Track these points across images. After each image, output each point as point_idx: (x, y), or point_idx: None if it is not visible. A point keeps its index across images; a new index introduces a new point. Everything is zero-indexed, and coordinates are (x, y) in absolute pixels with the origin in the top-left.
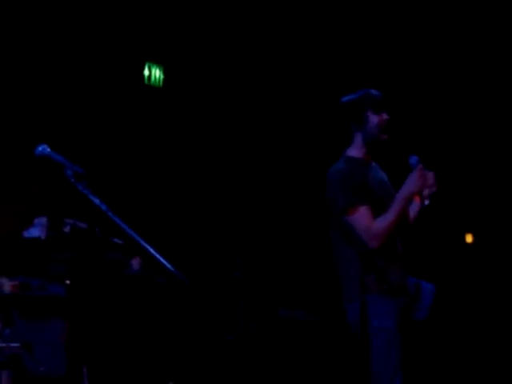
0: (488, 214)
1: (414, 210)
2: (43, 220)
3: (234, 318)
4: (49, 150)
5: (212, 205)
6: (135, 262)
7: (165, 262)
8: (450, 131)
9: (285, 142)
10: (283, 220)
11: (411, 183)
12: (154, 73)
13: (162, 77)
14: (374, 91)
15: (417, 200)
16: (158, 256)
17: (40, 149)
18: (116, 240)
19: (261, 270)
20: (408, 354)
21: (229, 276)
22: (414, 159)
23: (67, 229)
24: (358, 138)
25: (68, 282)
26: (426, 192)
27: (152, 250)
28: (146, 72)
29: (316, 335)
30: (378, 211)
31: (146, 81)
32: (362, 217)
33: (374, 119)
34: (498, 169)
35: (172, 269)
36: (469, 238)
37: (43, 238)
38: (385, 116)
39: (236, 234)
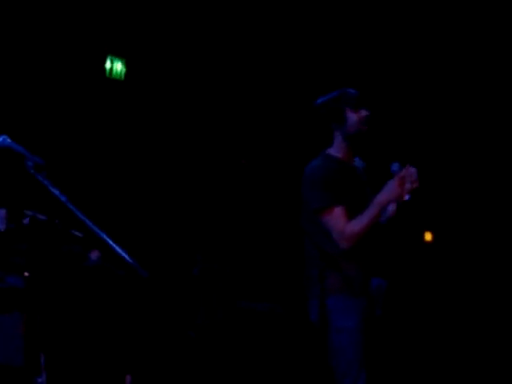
0: (447, 212)
1: (389, 211)
2: (2, 212)
3: (194, 313)
4: (9, 140)
5: (173, 199)
6: (94, 255)
7: (124, 255)
8: (410, 130)
9: (249, 137)
10: (246, 217)
11: (389, 191)
12: (116, 66)
13: (123, 70)
14: (350, 90)
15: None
16: (117, 248)
17: (0, 139)
18: (75, 233)
19: (221, 266)
20: (371, 354)
21: (188, 272)
22: (395, 166)
23: (26, 221)
24: (339, 137)
25: (26, 274)
26: (407, 187)
27: (112, 243)
28: (108, 65)
29: (280, 326)
30: (352, 212)
31: (107, 74)
32: (336, 218)
33: (352, 116)
34: (457, 167)
35: (131, 261)
36: (428, 237)
37: (2, 229)
38: (363, 112)
39: (197, 230)
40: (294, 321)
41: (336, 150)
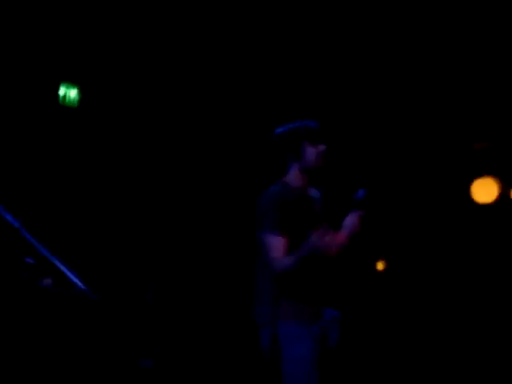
0: (399, 241)
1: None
2: None
3: (147, 340)
4: None
5: (127, 225)
6: (46, 282)
7: (76, 280)
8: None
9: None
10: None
11: (316, 242)
12: (69, 93)
13: (77, 97)
14: (310, 122)
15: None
16: (69, 274)
17: None
18: (28, 259)
19: (173, 292)
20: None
21: (141, 298)
22: (360, 193)
23: None
24: (295, 168)
25: None
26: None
27: (64, 268)
28: (61, 92)
29: (230, 351)
30: (302, 239)
31: (61, 101)
32: (275, 247)
33: (310, 151)
34: (410, 195)
35: (83, 286)
36: (380, 266)
37: None
38: (321, 147)
39: (150, 255)
40: (244, 345)
41: (291, 179)
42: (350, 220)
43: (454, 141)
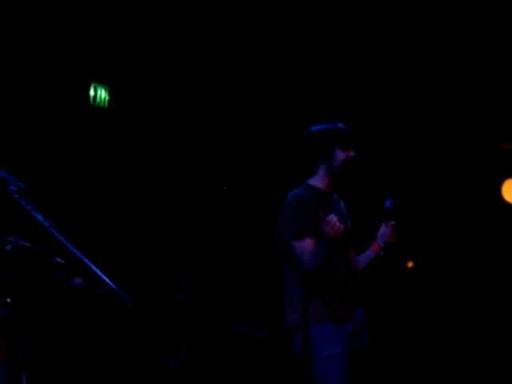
0: (430, 241)
1: (368, 257)
2: None
3: (175, 341)
4: None
5: (157, 225)
6: (77, 281)
7: (107, 280)
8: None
9: (231, 164)
10: (228, 240)
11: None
12: (100, 93)
13: (107, 97)
14: (342, 125)
15: (375, 248)
16: (100, 274)
17: None
18: (58, 259)
19: (204, 290)
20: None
21: (170, 298)
22: (388, 202)
23: (9, 247)
24: (322, 171)
25: (9, 300)
26: (380, 242)
27: (95, 268)
28: (92, 92)
29: (266, 351)
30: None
31: (91, 101)
32: (304, 251)
33: (340, 156)
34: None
35: (114, 287)
36: (410, 265)
37: None
38: (351, 153)
39: (179, 255)
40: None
41: (318, 181)
42: (384, 231)
43: (482, 142)
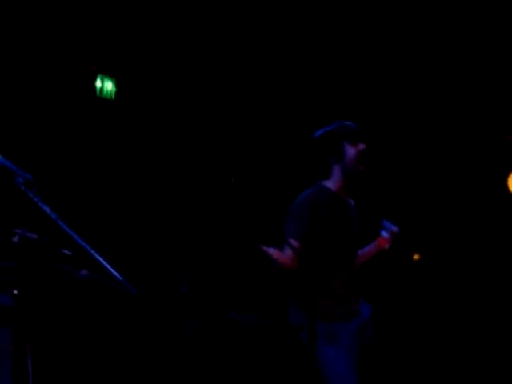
0: (436, 233)
1: (370, 251)
2: None
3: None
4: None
5: (164, 216)
6: (83, 273)
7: (114, 272)
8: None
9: (238, 155)
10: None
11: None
12: (106, 85)
13: (114, 89)
14: (348, 122)
15: (381, 243)
16: (107, 265)
17: None
18: (65, 251)
19: (209, 282)
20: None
21: (176, 291)
22: (387, 224)
23: (16, 238)
24: (337, 171)
25: (15, 291)
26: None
27: (101, 260)
28: (99, 84)
29: (265, 339)
30: (336, 245)
31: (98, 93)
32: (287, 248)
33: (351, 151)
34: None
35: (121, 278)
36: (416, 257)
37: None
38: (361, 146)
39: (186, 247)
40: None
41: (332, 183)
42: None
43: (488, 134)
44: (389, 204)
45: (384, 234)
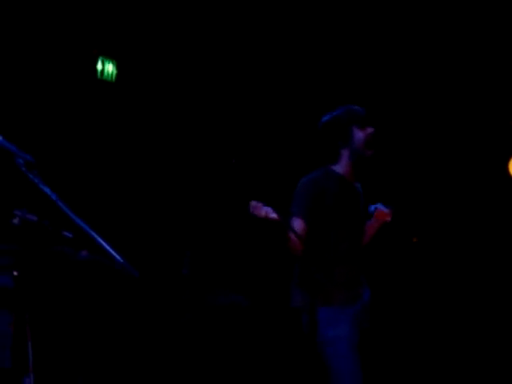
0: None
1: (373, 227)
2: None
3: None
4: (0, 138)
5: (164, 198)
6: (83, 255)
7: (115, 254)
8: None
9: (240, 136)
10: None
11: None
12: (107, 67)
13: (114, 72)
14: (355, 107)
15: (380, 216)
16: (108, 248)
17: None
18: (65, 233)
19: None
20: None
21: (177, 273)
22: (375, 207)
23: (16, 220)
24: (345, 156)
25: (16, 273)
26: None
27: (102, 242)
28: (99, 66)
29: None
30: (343, 229)
31: (98, 75)
32: (293, 226)
33: (359, 135)
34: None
35: (122, 260)
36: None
37: None
38: (370, 130)
39: (187, 229)
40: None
41: (339, 167)
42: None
43: (489, 118)
44: (390, 188)
45: (375, 207)
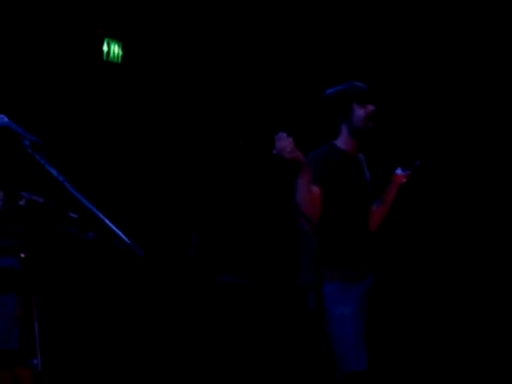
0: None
1: (391, 193)
2: (0, 194)
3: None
4: (6, 119)
5: (170, 181)
6: (90, 236)
7: (121, 234)
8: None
9: (246, 118)
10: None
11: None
12: (113, 49)
13: (120, 53)
14: (358, 83)
15: (398, 178)
16: (114, 228)
17: None
18: (72, 214)
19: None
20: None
21: (183, 255)
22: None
23: (23, 202)
24: (345, 131)
25: (22, 255)
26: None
27: (109, 223)
28: (105, 48)
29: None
30: (349, 204)
31: (104, 57)
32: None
33: (359, 112)
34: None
35: (128, 241)
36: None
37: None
38: (370, 107)
39: (193, 210)
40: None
41: (341, 143)
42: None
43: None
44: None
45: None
